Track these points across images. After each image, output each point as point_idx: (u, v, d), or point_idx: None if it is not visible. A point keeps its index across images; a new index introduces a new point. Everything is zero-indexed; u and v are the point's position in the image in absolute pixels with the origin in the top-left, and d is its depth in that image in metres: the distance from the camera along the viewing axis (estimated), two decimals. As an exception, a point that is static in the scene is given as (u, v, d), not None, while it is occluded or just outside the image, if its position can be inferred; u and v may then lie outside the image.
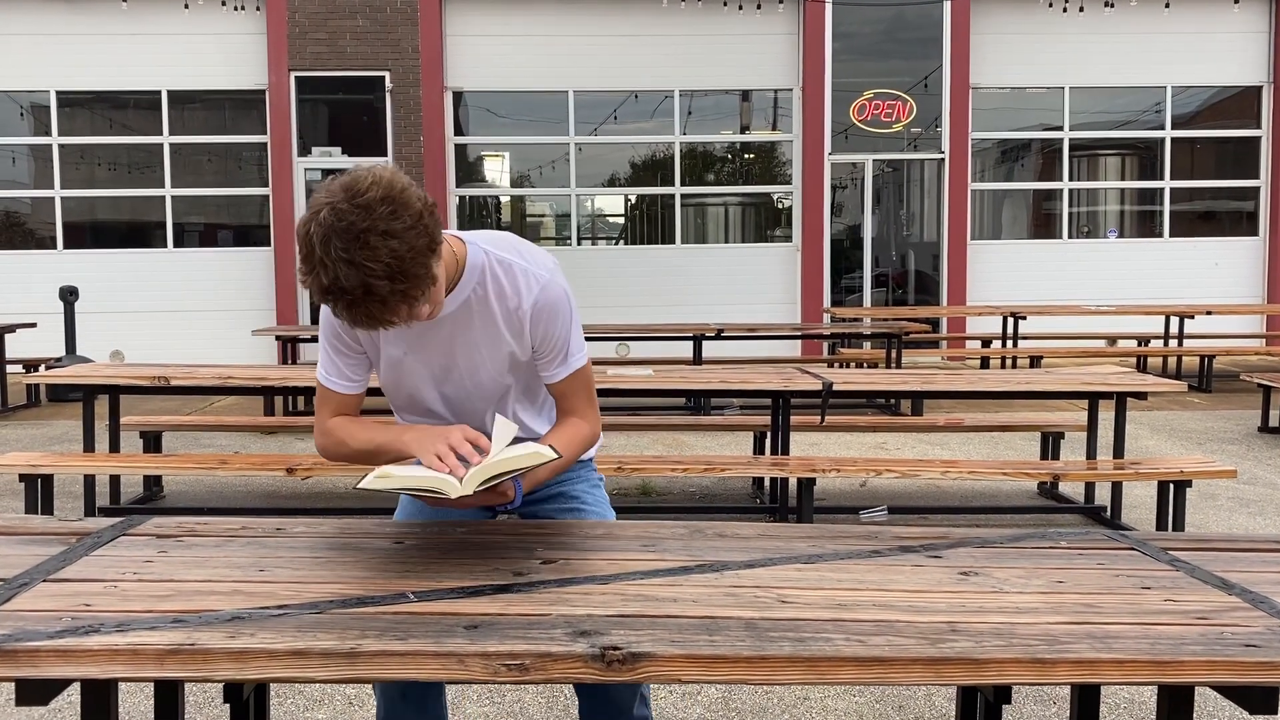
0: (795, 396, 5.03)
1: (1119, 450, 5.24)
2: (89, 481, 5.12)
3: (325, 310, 1.97)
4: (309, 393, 6.69)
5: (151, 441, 5.75)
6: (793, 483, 5.28)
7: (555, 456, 1.87)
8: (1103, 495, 5.66)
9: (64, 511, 5.36)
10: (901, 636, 1.51)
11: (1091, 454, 5.47)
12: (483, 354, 2.11)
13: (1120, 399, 5.17)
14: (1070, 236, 12.60)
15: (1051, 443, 5.93)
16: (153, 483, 5.84)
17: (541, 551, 1.91)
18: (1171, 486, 4.71)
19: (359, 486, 1.79)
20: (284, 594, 1.64)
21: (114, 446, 5.31)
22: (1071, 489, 5.89)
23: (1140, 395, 5.04)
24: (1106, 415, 5.78)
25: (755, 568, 1.85)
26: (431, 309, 1.88)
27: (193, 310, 11.92)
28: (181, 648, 1.40)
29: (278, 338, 8.86)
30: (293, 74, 11.78)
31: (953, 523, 5.43)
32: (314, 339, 10.72)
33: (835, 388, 4.82)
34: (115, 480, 5.39)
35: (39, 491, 4.60)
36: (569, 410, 2.18)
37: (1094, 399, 5.43)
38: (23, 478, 4.56)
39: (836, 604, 1.66)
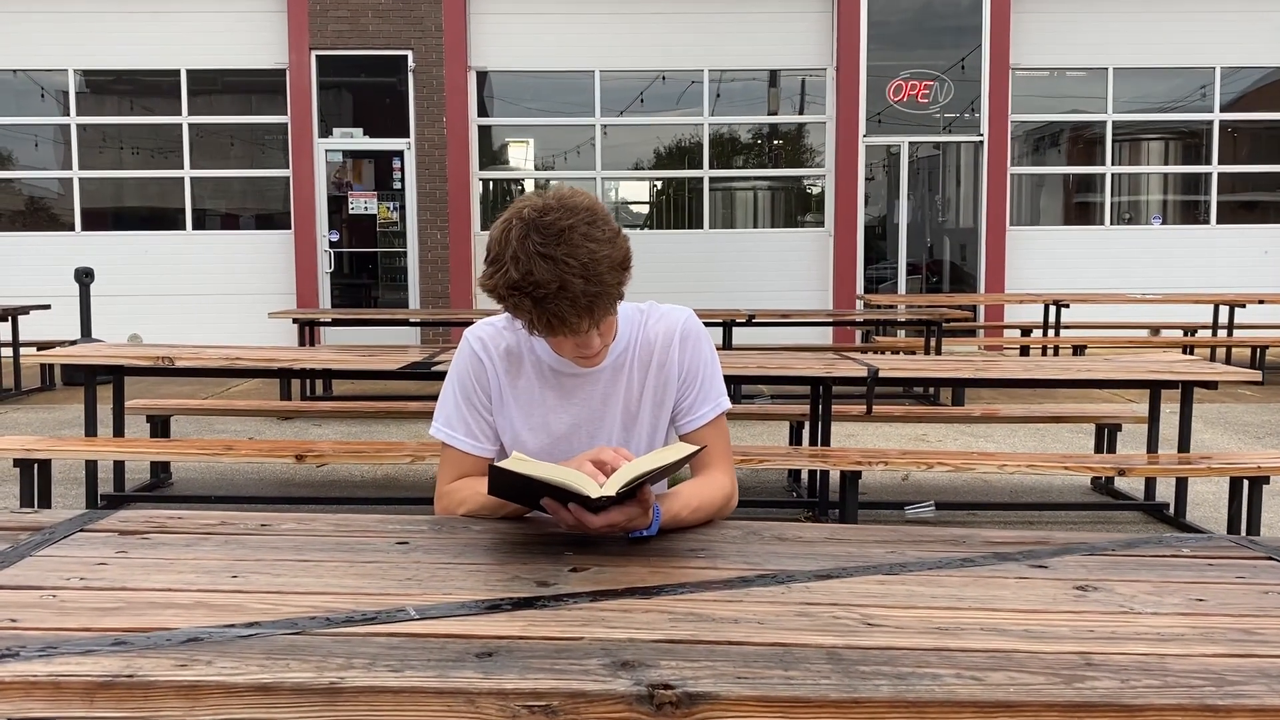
0: (838, 384, 4.71)
1: (1184, 443, 4.89)
2: (90, 468, 4.86)
3: (460, 360, 1.96)
4: (324, 375, 6.42)
5: (159, 426, 5.49)
6: (833, 476, 4.96)
7: (700, 448, 1.73)
8: (1163, 492, 5.30)
9: (65, 500, 5.11)
10: (1026, 672, 1.20)
11: (1153, 447, 5.11)
12: (615, 412, 1.97)
13: (1187, 389, 4.81)
14: (1112, 223, 12.17)
15: (1107, 435, 5.58)
16: (160, 469, 5.59)
17: (571, 556, 1.61)
18: (1246, 483, 4.35)
19: (494, 465, 1.58)
20: (256, 608, 1.34)
21: (118, 431, 5.06)
22: (1127, 484, 5.54)
23: (1210, 385, 4.69)
24: (1162, 407, 5.43)
25: (829, 579, 1.54)
26: (600, 350, 1.87)
27: (212, 294, 11.70)
28: (117, 680, 1.11)
29: (295, 320, 8.61)
30: (313, 53, 11.51)
31: (1005, 520, 5.09)
32: (335, 322, 10.50)
33: (881, 374, 4.49)
34: (120, 466, 5.13)
35: (35, 478, 4.33)
36: (705, 464, 1.94)
37: (1156, 388, 5.07)
38: (17, 462, 4.30)
39: (935, 628, 1.34)
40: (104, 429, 5.36)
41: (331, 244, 11.74)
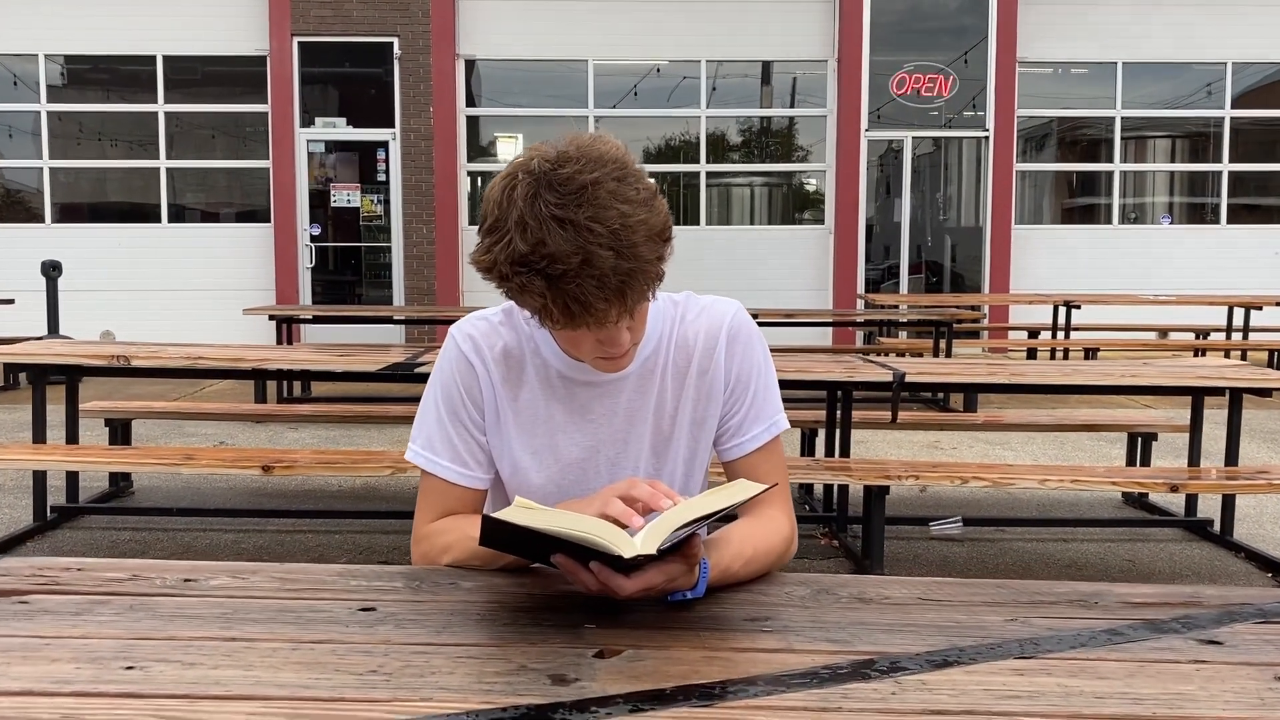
0: (859, 389, 4.31)
1: (1232, 456, 4.50)
2: (39, 478, 4.42)
3: (445, 365, 1.52)
4: (298, 377, 5.98)
5: (119, 431, 5.06)
6: (853, 489, 4.56)
7: (766, 487, 1.31)
8: (1205, 507, 4.92)
9: (14, 511, 4.68)
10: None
11: (1195, 459, 4.73)
12: (643, 433, 1.54)
13: (1235, 396, 4.43)
14: (1120, 222, 11.81)
15: (1140, 445, 5.20)
16: (121, 478, 5.15)
17: (595, 633, 1.19)
18: (1308, 500, 3.97)
19: (490, 515, 1.18)
20: (146, 729, 0.93)
21: (71, 436, 4.62)
22: (1162, 498, 5.15)
23: (1263, 392, 4.31)
24: (1185, 415, 5.06)
25: (947, 668, 1.13)
26: (628, 351, 1.42)
27: (189, 289, 11.22)
28: None
29: (271, 317, 8.16)
30: (295, 39, 11.06)
31: (1037, 537, 4.70)
32: (316, 319, 10.04)
33: (908, 379, 4.09)
34: (73, 476, 4.69)
35: (-27, 489, 3.90)
36: (759, 499, 1.47)
37: (1198, 394, 4.69)
38: (-48, 473, 3.87)
39: (1128, 756, 0.94)
40: (59, 433, 4.93)
41: (313, 238, 11.29)
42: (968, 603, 1.36)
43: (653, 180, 1.35)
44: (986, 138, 11.39)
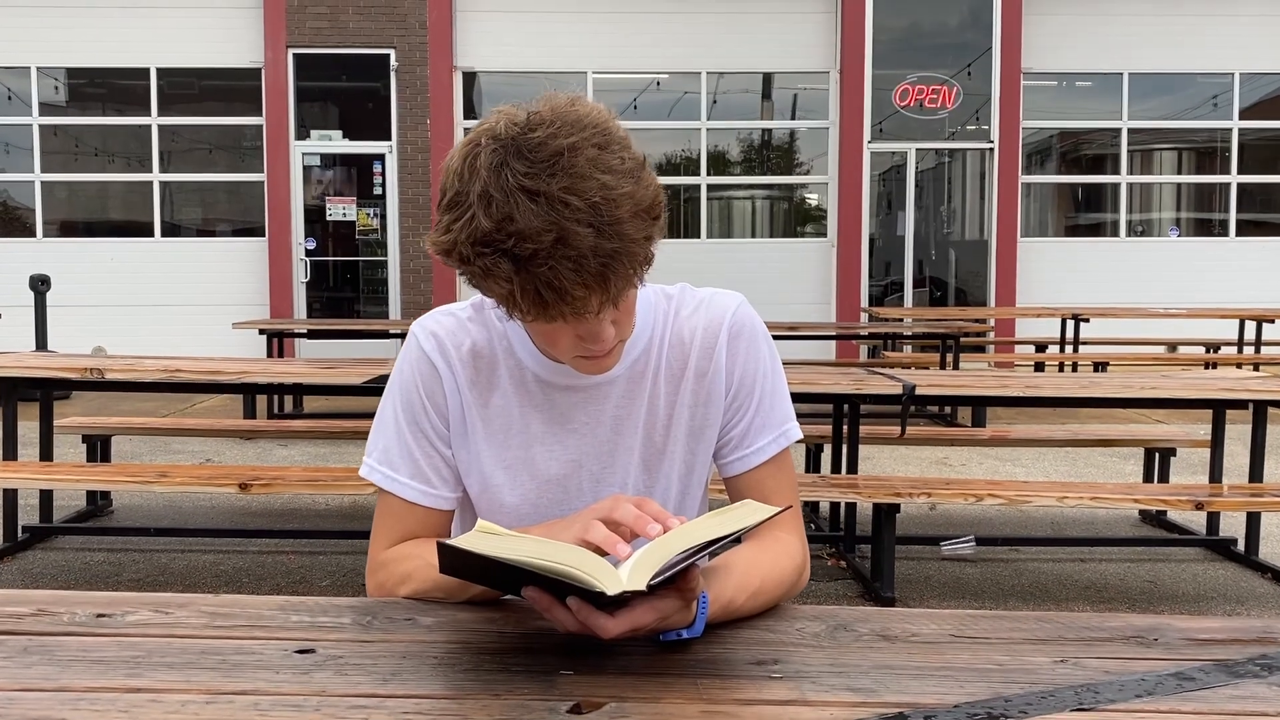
0: (867, 402, 4.13)
1: (1257, 471, 4.32)
2: (9, 496, 4.23)
3: (405, 367, 1.33)
4: (284, 391, 5.81)
5: (98, 448, 4.87)
6: (861, 507, 4.37)
7: (777, 510, 1.13)
8: (1227, 525, 4.72)
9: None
10: None
11: (1216, 475, 4.54)
12: (632, 444, 1.35)
13: (1260, 409, 4.25)
14: (1127, 235, 11.64)
15: (1159, 461, 5.00)
16: (99, 496, 4.96)
17: (571, 680, 1.00)
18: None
19: (445, 542, 0.99)
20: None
21: (45, 453, 4.43)
22: (1180, 516, 4.96)
23: (1289, 405, 4.12)
24: (1202, 429, 4.87)
25: (994, 724, 0.94)
26: (614, 348, 1.23)
27: (182, 304, 11.05)
28: None
29: (262, 331, 7.98)
30: (291, 51, 10.92)
31: (1053, 557, 4.51)
32: (310, 334, 9.87)
33: (918, 392, 3.91)
34: (46, 495, 4.50)
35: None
36: (768, 521, 1.22)
37: (1220, 407, 4.50)
38: (-84, 491, 3.69)
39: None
40: (36, 450, 4.75)
41: (308, 252, 11.12)
42: (1007, 640, 1.18)
43: (640, 152, 1.17)
44: (991, 150, 11.24)
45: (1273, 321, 9.33)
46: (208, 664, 1.03)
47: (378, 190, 11.12)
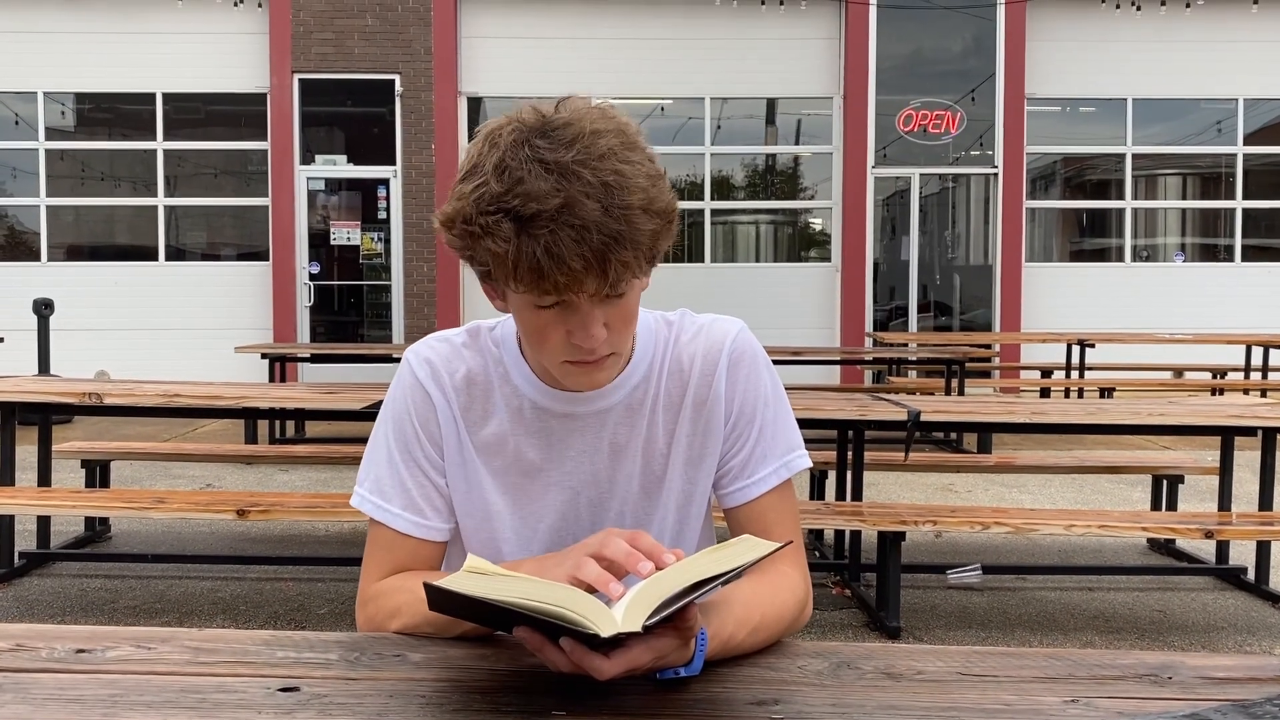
0: (871, 428, 4.09)
1: (1266, 499, 4.27)
2: (6, 522, 4.20)
3: (398, 394, 1.31)
4: (285, 415, 5.78)
5: (97, 473, 4.84)
6: (866, 535, 4.32)
7: (777, 546, 1.08)
8: (1236, 554, 4.66)
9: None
10: None
11: (1225, 502, 4.48)
12: (630, 473, 1.31)
13: (1269, 435, 4.20)
14: (1132, 260, 11.61)
15: (1167, 488, 4.95)
16: (98, 522, 4.92)
17: (563, 722, 0.97)
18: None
19: (431, 584, 0.96)
20: None
21: (43, 478, 4.40)
22: (1189, 544, 4.90)
23: (1299, 432, 4.08)
24: (1210, 455, 4.83)
25: (1004, 772, 0.90)
26: (608, 361, 1.19)
27: (186, 328, 11.05)
28: None
29: (264, 355, 7.96)
30: (296, 76, 10.97)
31: (1060, 585, 4.45)
32: (313, 358, 9.85)
33: (924, 418, 3.86)
34: (44, 520, 4.47)
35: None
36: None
37: (1229, 434, 4.45)
38: (-89, 517, 3.66)
39: None
40: (31, 475, 4.72)
41: (312, 276, 11.13)
42: (1016, 678, 1.14)
43: (663, 166, 1.15)
44: (995, 175, 11.23)
45: (1279, 347, 9.29)
46: (187, 703, 0.99)
47: (382, 215, 11.14)
